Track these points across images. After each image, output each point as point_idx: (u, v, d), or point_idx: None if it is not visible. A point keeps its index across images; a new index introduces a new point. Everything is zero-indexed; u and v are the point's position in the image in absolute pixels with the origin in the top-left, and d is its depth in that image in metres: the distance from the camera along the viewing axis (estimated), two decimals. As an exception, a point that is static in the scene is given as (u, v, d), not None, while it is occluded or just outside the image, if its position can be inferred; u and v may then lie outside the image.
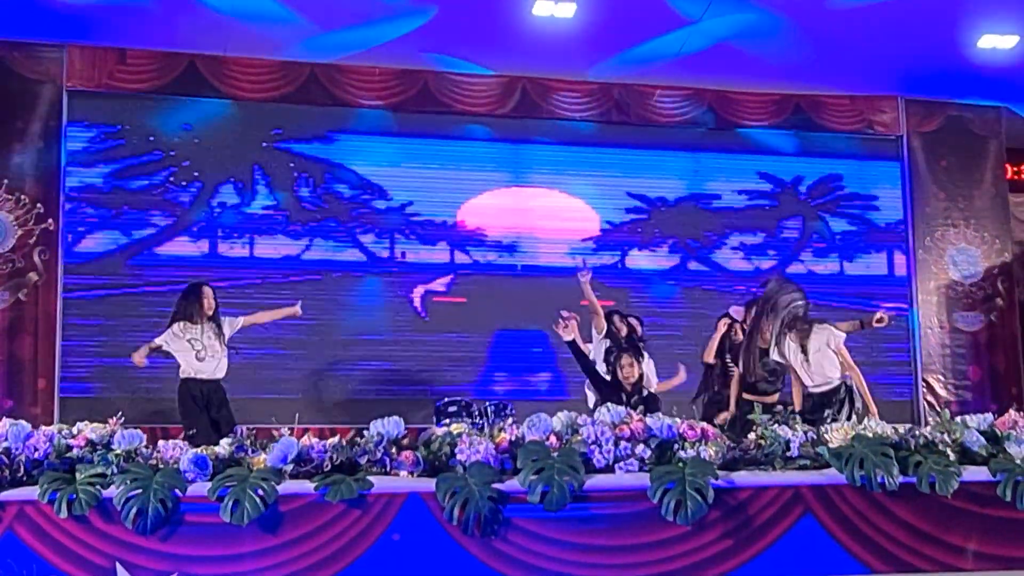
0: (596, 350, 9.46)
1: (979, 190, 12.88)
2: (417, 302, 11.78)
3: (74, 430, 4.55)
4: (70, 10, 10.33)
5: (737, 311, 8.83)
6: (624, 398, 8.14)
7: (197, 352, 8.75)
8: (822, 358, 7.55)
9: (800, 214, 12.72)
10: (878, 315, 8.17)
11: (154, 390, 10.69)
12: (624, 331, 9.50)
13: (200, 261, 11.26)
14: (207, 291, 8.99)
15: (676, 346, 11.03)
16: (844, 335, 7.67)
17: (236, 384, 10.92)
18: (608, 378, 8.62)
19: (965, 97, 12.77)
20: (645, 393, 8.46)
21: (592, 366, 8.57)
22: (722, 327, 9.19)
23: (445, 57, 11.63)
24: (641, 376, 8.42)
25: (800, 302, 7.73)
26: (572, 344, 8.17)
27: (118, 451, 4.41)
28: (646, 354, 9.34)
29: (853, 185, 12.85)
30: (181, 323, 8.82)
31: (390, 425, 4.61)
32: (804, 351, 7.59)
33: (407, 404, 10.49)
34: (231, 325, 9.02)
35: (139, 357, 8.87)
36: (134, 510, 4.19)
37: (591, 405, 9.13)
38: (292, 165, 11.67)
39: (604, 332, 9.50)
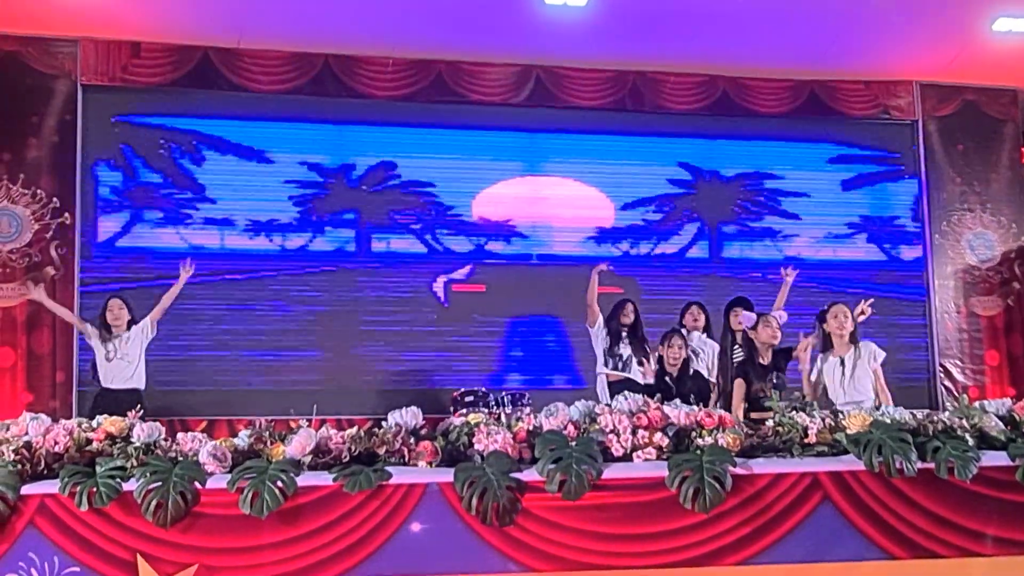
0: (596, 344, 9.53)
1: (995, 174, 12.84)
2: (440, 292, 11.78)
3: (93, 424, 4.57)
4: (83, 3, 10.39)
5: (748, 318, 8.50)
6: (668, 381, 8.36)
7: (107, 353, 9.04)
8: (863, 375, 7.52)
9: (814, 199, 12.69)
10: (860, 308, 8.08)
11: (172, 383, 10.75)
12: (631, 319, 9.51)
13: (216, 253, 11.29)
14: (112, 304, 9.24)
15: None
16: (883, 355, 7.65)
17: (253, 376, 11.05)
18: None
19: (981, 81, 12.72)
20: (691, 372, 8.69)
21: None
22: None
23: (459, 46, 11.61)
24: (687, 360, 8.56)
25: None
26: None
27: (137, 444, 4.43)
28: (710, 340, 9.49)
29: (868, 170, 12.81)
30: (97, 333, 9.18)
31: (408, 415, 4.62)
32: (843, 365, 7.56)
33: (424, 395, 10.56)
34: (144, 331, 9.20)
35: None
36: (154, 502, 4.20)
37: (603, 394, 9.17)
38: (305, 157, 11.71)
39: (597, 325, 9.52)
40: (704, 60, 12.00)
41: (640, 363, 9.38)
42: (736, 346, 8.77)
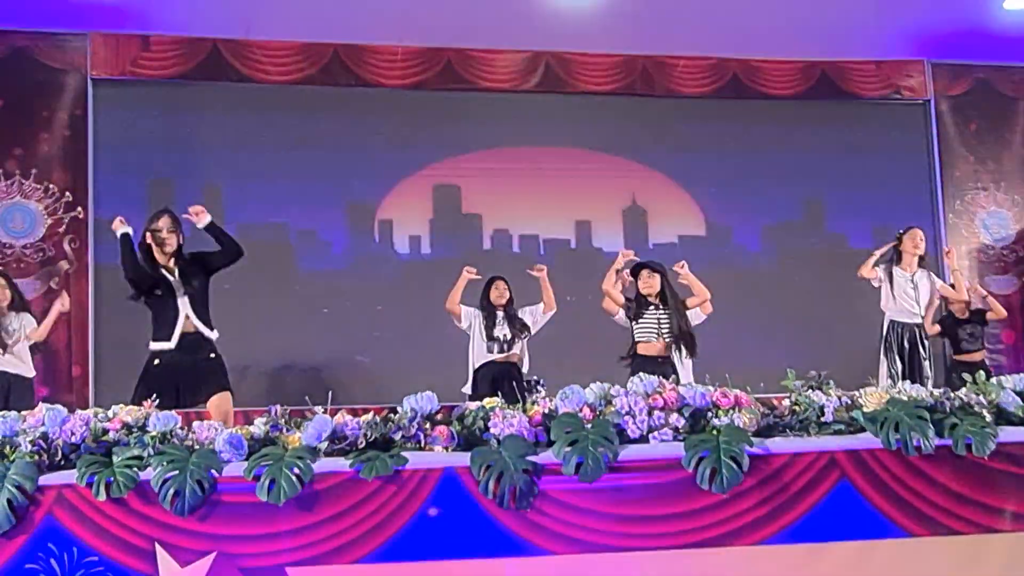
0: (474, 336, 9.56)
1: (1008, 152, 12.80)
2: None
3: (110, 413, 4.58)
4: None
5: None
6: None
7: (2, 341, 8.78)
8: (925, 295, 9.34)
9: (828, 182, 12.65)
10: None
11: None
12: (507, 297, 9.52)
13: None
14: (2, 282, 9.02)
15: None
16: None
17: (267, 367, 11.06)
18: None
19: (993, 59, 12.67)
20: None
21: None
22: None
23: (468, 34, 11.60)
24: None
25: None
26: None
27: (153, 433, 4.44)
28: None
29: (881, 151, 12.76)
30: None
31: (423, 401, 4.61)
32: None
33: (438, 382, 10.54)
34: (31, 333, 9.04)
35: None
36: (171, 491, 4.21)
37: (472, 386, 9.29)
38: (318, 145, 11.71)
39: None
40: (714, 44, 11.97)
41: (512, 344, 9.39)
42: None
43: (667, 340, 8.57)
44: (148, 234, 7.11)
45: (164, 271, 7.07)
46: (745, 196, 12.45)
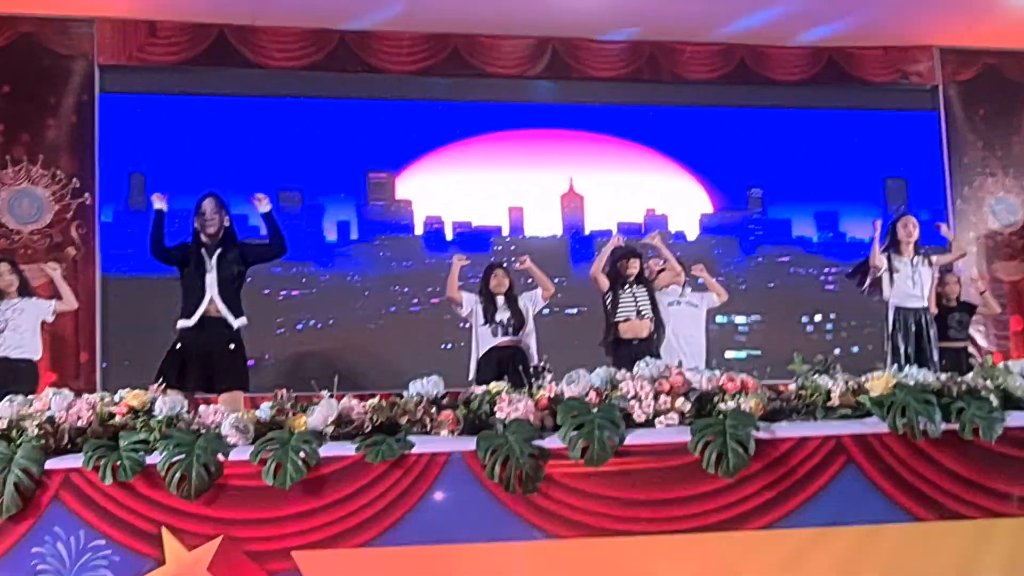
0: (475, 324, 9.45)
1: (1017, 138, 12.74)
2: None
3: (116, 397, 4.58)
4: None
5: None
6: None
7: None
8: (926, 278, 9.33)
9: (834, 169, 12.62)
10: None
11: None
12: (507, 285, 9.42)
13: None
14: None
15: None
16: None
17: (277, 352, 11.07)
18: None
19: (1002, 44, 12.61)
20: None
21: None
22: None
23: (474, 20, 11.58)
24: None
25: None
26: None
27: (160, 417, 4.44)
28: None
29: (889, 137, 12.73)
30: None
31: (429, 385, 4.62)
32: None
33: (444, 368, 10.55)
34: (43, 309, 8.87)
35: None
36: (178, 475, 4.22)
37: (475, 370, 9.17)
38: (322, 133, 11.71)
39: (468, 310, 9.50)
40: (721, 29, 11.94)
41: (520, 327, 9.34)
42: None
43: (647, 317, 8.62)
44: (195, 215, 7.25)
45: (203, 251, 7.19)
46: (746, 184, 12.46)
